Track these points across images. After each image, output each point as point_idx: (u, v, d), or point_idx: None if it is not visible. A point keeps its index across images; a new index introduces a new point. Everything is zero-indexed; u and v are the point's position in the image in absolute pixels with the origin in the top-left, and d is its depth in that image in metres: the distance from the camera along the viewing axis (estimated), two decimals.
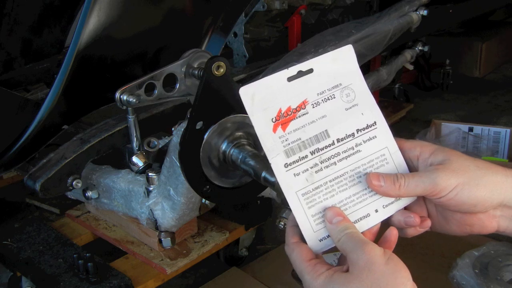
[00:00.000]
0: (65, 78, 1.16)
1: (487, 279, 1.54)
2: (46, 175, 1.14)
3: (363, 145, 0.74)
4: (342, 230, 0.69)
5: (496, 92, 3.28)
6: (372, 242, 0.68)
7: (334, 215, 0.70)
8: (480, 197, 0.71)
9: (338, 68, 0.74)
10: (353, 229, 0.70)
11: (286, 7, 1.90)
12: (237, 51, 1.93)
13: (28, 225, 1.65)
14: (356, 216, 0.73)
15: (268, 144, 0.71)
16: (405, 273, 0.66)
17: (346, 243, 0.68)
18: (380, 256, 0.66)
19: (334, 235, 0.70)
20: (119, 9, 1.18)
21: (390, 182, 0.72)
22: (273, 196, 1.31)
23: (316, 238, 0.72)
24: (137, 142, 1.19)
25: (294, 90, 0.72)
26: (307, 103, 0.72)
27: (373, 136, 0.74)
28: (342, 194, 0.72)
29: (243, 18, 1.87)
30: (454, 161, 0.72)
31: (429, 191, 0.71)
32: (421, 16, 1.93)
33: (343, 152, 0.73)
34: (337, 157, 0.73)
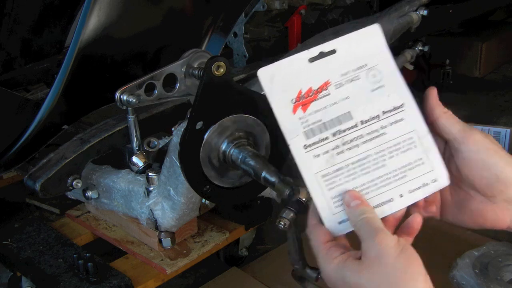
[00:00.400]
0: (65, 78, 1.16)
1: (487, 279, 1.54)
2: (46, 175, 1.14)
3: (388, 128, 0.71)
4: (359, 215, 0.68)
5: (496, 92, 3.28)
6: (386, 231, 0.66)
7: (352, 199, 0.70)
8: (506, 173, 0.70)
9: (364, 48, 0.71)
10: (370, 214, 0.69)
11: (286, 7, 1.90)
12: (237, 51, 1.93)
13: (28, 225, 1.65)
14: (378, 201, 0.72)
15: (287, 125, 0.71)
16: (417, 267, 0.65)
17: (361, 229, 0.68)
18: (392, 248, 0.65)
19: (351, 219, 0.70)
20: (119, 9, 1.18)
21: (441, 104, 0.73)
22: (273, 196, 1.31)
23: (335, 221, 0.71)
24: (137, 142, 1.19)
25: (315, 71, 0.71)
26: (330, 84, 0.71)
27: (399, 118, 0.71)
28: (365, 177, 0.71)
29: (243, 18, 1.87)
30: (489, 136, 0.72)
31: (465, 135, 0.70)
32: (421, 16, 1.93)
33: (367, 134, 0.71)
34: (360, 139, 0.71)
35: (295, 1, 1.96)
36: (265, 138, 0.99)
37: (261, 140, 0.98)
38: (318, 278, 1.12)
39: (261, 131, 0.97)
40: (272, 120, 0.71)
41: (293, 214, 1.10)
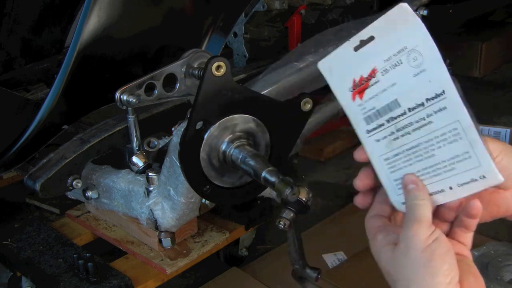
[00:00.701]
0: (65, 78, 1.16)
1: (487, 279, 1.54)
2: (46, 175, 1.14)
3: (433, 116, 0.70)
4: (412, 199, 0.70)
5: (496, 92, 3.28)
6: (425, 222, 0.67)
7: (409, 182, 0.71)
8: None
9: (399, 30, 0.69)
10: (421, 200, 0.69)
11: (286, 7, 1.90)
12: (237, 51, 1.93)
13: (28, 225, 1.65)
14: (432, 189, 0.72)
15: (351, 113, 0.74)
16: (440, 263, 0.65)
17: (408, 213, 0.69)
18: (420, 241, 0.66)
19: (406, 201, 0.71)
20: (119, 9, 1.18)
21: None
22: (273, 196, 1.31)
23: (399, 201, 0.73)
24: (137, 142, 1.19)
25: (362, 60, 0.72)
26: (377, 71, 0.71)
27: (443, 107, 0.69)
28: (419, 165, 0.72)
29: (243, 18, 1.87)
30: (502, 142, 0.73)
31: None
32: (421, 16, 1.93)
33: (416, 122, 0.71)
34: (410, 126, 0.71)
35: (295, 1, 1.96)
36: (265, 138, 0.99)
37: (261, 140, 0.98)
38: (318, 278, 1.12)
39: (261, 131, 0.97)
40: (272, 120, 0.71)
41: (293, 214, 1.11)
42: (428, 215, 0.68)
